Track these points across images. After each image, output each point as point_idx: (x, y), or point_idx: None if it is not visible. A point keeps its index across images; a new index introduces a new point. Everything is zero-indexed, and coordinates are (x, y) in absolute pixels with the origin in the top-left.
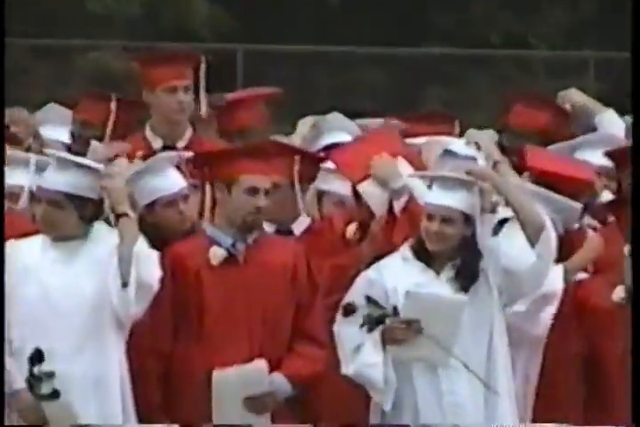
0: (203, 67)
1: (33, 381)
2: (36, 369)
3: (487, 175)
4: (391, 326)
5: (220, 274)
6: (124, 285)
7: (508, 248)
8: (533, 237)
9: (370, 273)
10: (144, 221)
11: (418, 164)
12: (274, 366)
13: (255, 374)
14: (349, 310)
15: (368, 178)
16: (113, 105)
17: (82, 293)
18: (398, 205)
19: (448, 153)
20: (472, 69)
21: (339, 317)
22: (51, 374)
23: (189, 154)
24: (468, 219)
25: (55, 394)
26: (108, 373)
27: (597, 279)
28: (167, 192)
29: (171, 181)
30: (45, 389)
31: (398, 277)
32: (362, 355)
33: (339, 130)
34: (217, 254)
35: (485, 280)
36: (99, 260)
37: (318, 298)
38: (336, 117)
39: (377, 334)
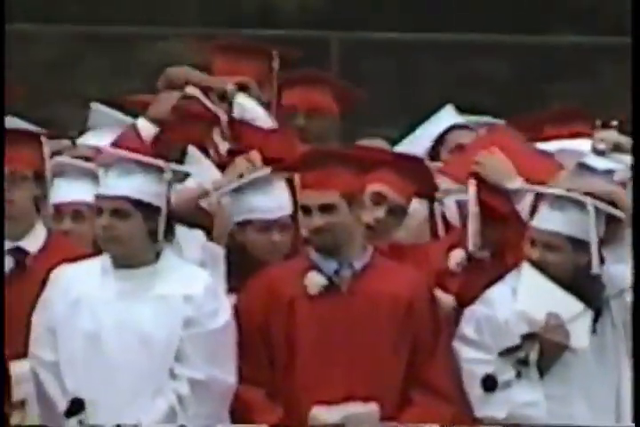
0: (275, 64)
1: None
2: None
3: (618, 199)
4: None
5: (317, 305)
6: None
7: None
8: None
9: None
10: (233, 238)
11: (546, 174)
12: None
13: (364, 418)
14: (491, 385)
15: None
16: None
17: (142, 335)
18: (524, 210)
19: (582, 167)
20: (608, 61)
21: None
22: None
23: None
24: (580, 245)
25: None
26: None
27: None
28: (262, 216)
29: (272, 203)
30: None
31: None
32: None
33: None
34: (315, 282)
35: (610, 317)
36: (166, 296)
37: (442, 341)
38: (449, 112)
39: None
